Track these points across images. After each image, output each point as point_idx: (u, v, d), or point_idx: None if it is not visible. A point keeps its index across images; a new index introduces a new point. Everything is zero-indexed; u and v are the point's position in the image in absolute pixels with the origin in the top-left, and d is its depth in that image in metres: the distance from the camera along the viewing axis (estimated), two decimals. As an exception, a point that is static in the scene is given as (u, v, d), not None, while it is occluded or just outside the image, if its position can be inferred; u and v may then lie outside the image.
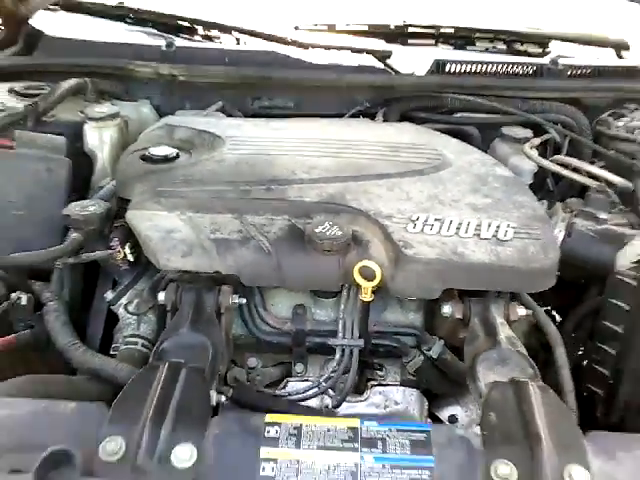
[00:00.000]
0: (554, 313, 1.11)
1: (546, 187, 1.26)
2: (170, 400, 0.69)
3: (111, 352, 0.97)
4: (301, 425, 0.69)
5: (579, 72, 1.43)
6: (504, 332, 0.85)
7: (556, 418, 0.69)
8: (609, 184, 1.14)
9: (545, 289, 0.87)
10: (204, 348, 0.81)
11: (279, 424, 0.69)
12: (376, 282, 0.85)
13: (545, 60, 1.45)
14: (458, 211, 0.92)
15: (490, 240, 0.87)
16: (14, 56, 1.44)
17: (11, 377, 0.82)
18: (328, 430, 0.69)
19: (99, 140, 1.20)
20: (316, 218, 0.90)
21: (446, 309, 0.90)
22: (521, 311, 0.90)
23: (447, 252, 0.85)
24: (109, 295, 1.00)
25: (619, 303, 0.90)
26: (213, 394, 0.76)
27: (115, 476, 0.63)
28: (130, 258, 0.97)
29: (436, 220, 0.90)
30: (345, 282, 0.89)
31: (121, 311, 0.99)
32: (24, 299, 0.96)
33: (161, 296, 0.91)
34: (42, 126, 1.18)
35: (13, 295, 0.96)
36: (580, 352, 1.02)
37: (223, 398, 0.82)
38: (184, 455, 0.64)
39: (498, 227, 0.90)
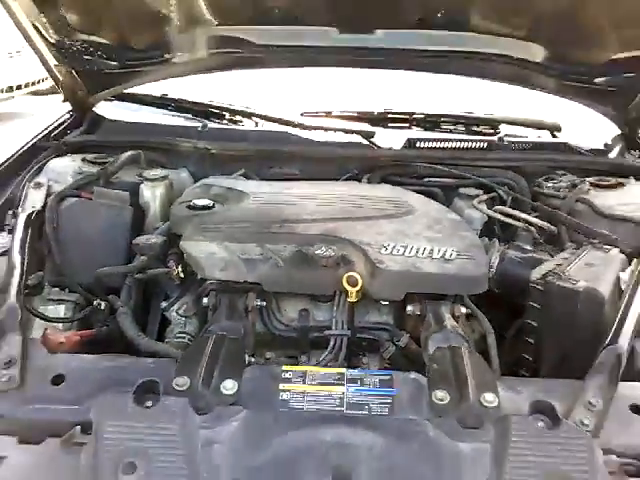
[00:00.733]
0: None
1: (495, 231, 1.63)
2: (218, 355, 1.03)
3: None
4: (306, 371, 1.03)
5: (521, 147, 1.84)
6: (449, 323, 1.20)
7: (478, 369, 1.03)
8: (540, 228, 1.51)
9: (478, 292, 1.22)
10: (238, 329, 1.16)
11: (291, 371, 1.03)
12: (358, 287, 1.21)
13: (495, 138, 1.86)
14: (418, 241, 1.29)
15: (439, 259, 1.24)
16: (83, 134, 1.86)
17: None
18: (324, 374, 1.03)
19: (152, 195, 1.59)
20: (316, 245, 1.27)
21: (409, 308, 1.25)
22: (463, 309, 1.25)
23: (408, 266, 1.21)
24: (163, 304, 1.36)
25: (533, 304, 1.25)
26: (246, 356, 1.11)
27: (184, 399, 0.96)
28: (181, 275, 1.33)
29: (401, 246, 1.27)
30: (336, 289, 1.24)
31: (173, 314, 1.34)
32: (102, 305, 1.32)
33: (205, 300, 1.27)
34: (110, 185, 1.57)
35: (95, 302, 1.32)
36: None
37: (253, 359, 1.17)
38: (229, 386, 0.98)
39: (445, 251, 1.26)
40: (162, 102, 1.99)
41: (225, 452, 0.88)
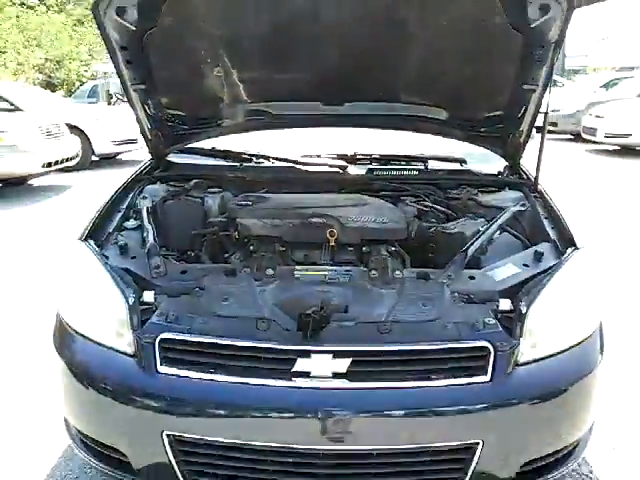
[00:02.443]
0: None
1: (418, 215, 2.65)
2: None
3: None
4: (308, 268, 2.05)
5: (440, 172, 2.89)
6: (385, 254, 2.21)
7: (402, 263, 2.05)
8: (443, 212, 2.56)
9: (399, 238, 2.26)
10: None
11: (303, 268, 2.05)
12: (335, 237, 2.23)
13: (423, 167, 2.92)
14: (368, 215, 2.32)
15: (378, 222, 2.27)
16: (160, 173, 2.91)
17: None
18: (316, 268, 2.05)
19: (213, 202, 2.63)
20: (312, 218, 2.30)
21: (364, 249, 2.27)
22: (392, 248, 2.27)
23: (361, 225, 2.25)
24: (226, 255, 2.37)
25: (432, 244, 2.30)
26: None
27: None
28: (237, 237, 2.36)
29: (358, 217, 2.30)
30: (323, 240, 2.26)
31: (232, 258, 2.35)
32: (192, 254, 2.34)
33: (251, 247, 2.30)
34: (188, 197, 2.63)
35: (188, 254, 2.35)
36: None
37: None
38: (270, 273, 1.99)
39: (383, 218, 2.30)
40: (212, 153, 3.06)
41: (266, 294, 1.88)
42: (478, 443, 1.68)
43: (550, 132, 6.00)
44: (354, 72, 2.55)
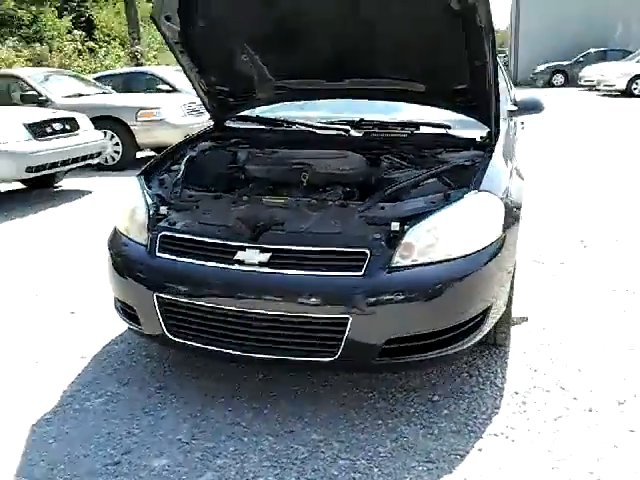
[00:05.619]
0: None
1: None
2: None
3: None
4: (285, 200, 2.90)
5: (424, 136, 3.50)
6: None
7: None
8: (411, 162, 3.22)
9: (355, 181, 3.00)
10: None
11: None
12: (307, 179, 3.03)
13: (409, 131, 3.54)
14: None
15: (342, 168, 3.03)
16: (212, 134, 3.87)
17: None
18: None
19: (241, 155, 3.55)
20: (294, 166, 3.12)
21: (328, 188, 3.04)
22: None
23: (331, 171, 3.02)
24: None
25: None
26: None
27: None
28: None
29: (330, 167, 3.07)
30: (301, 180, 3.07)
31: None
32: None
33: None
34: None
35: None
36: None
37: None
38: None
39: (348, 166, 3.04)
40: (257, 119, 3.96)
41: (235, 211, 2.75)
42: (348, 318, 2.42)
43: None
44: (348, 54, 3.30)
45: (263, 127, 3.85)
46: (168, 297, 2.64)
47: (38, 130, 6.90)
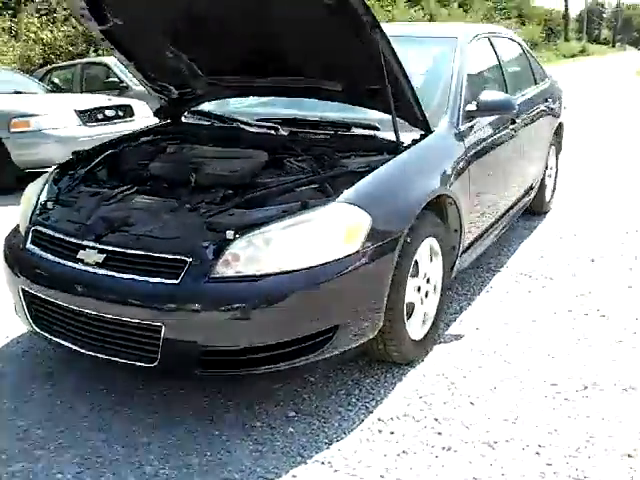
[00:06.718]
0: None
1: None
2: None
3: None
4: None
5: (346, 137, 3.29)
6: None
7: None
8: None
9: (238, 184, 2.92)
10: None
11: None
12: (194, 178, 3.00)
13: (333, 132, 3.34)
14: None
15: (230, 169, 2.95)
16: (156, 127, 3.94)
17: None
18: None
19: (167, 149, 3.58)
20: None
21: (212, 190, 2.98)
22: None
23: (215, 172, 2.96)
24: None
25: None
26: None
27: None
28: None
29: (217, 169, 3.01)
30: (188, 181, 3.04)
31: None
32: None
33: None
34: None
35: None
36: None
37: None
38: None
39: (237, 168, 2.97)
40: (206, 114, 3.95)
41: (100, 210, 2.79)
42: (161, 326, 2.37)
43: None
44: (263, 53, 3.21)
45: (206, 123, 3.84)
46: (30, 290, 2.75)
47: (89, 116, 7.35)
